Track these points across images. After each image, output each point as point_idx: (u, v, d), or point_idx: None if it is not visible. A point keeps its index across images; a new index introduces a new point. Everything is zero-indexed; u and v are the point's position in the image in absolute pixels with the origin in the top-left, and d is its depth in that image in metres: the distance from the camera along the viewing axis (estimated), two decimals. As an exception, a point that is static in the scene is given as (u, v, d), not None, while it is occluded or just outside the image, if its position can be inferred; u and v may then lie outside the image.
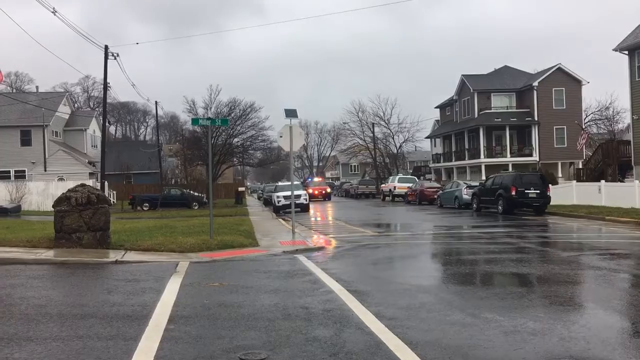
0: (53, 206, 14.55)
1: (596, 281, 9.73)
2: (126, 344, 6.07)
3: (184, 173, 55.25)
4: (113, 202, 44.18)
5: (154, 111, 63.00)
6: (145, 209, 39.90)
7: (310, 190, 46.39)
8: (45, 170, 49.68)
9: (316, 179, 62.58)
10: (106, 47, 36.78)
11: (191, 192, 43.85)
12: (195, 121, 19.40)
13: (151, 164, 61.43)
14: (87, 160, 55.14)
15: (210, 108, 50.74)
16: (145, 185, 56.87)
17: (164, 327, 6.64)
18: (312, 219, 28.21)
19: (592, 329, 6.48)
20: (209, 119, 21.13)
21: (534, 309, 7.40)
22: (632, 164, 30.28)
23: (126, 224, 22.49)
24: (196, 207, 40.43)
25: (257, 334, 6.34)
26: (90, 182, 38.36)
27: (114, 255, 13.02)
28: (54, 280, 10.61)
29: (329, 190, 52.25)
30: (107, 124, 45.95)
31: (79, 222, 14.05)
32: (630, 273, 10.53)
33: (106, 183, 41.30)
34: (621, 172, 33.26)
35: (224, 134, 49.38)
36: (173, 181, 62.77)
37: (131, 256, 13.11)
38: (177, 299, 8.27)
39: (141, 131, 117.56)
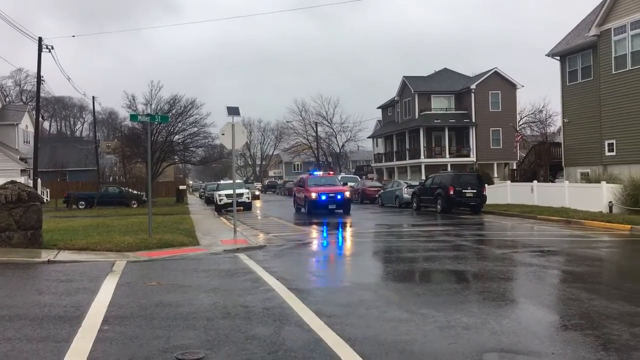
0: (-20, 204, 13.86)
1: (527, 277, 10.13)
2: (57, 345, 5.87)
3: (123, 170, 53.78)
4: (46, 200, 42.55)
5: (91, 106, 61.02)
6: (81, 207, 38.64)
7: (314, 194, 27.69)
8: (-28, 167, 47.23)
9: (319, 173, 35.00)
10: (40, 39, 35.32)
11: (130, 190, 42.77)
12: (134, 117, 18.88)
13: (88, 161, 59.47)
14: (18, 157, 52.65)
15: (151, 104, 49.55)
16: (82, 182, 55.06)
17: (98, 328, 6.47)
18: (255, 217, 28.06)
19: (522, 323, 6.75)
20: (148, 115, 20.68)
21: (469, 305, 7.63)
22: (563, 165, 31.64)
23: (60, 222, 21.72)
24: (135, 206, 39.52)
25: (195, 334, 6.26)
26: (21, 180, 36.70)
27: (46, 255, 12.55)
28: (-19, 282, 10.12)
29: (347, 194, 28.52)
30: (40, 119, 44.16)
31: (9, 221, 13.50)
32: (559, 269, 11.01)
33: (39, 180, 39.68)
34: (552, 173, 34.67)
35: (164, 130, 48.33)
36: (111, 179, 61.04)
37: (65, 256, 12.67)
38: (113, 299, 8.06)
39: (77, 127, 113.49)
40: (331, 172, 39.30)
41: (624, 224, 18.40)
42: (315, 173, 34.10)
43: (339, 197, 27.75)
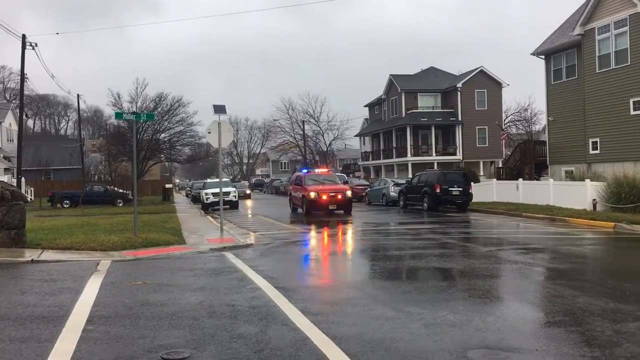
0: (-37, 203, 13.68)
1: (512, 274, 10.20)
2: (41, 346, 5.81)
3: (108, 169, 53.40)
4: (30, 199, 42.06)
5: (76, 104, 60.44)
6: (65, 206, 38.26)
7: (312, 193, 25.47)
8: (-45, 165, 46.63)
9: (318, 171, 31.44)
10: (24, 37, 34.97)
11: (115, 188, 42.45)
12: (119, 115, 18.69)
13: (73, 160, 58.95)
14: (2, 155, 52.17)
15: (137, 102, 49.31)
16: (67, 181, 54.50)
17: (82, 328, 6.41)
18: (242, 216, 27.99)
19: (507, 320, 6.79)
20: (133, 113, 20.50)
21: (454, 302, 7.67)
22: (548, 163, 31.93)
23: (44, 221, 21.50)
24: (121, 205, 39.21)
25: (180, 333, 6.23)
26: (5, 178, 36.38)
27: (29, 255, 12.42)
28: (-37, 282, 9.99)
29: (349, 193, 26.53)
30: (24, 117, 43.69)
31: (-8, 220, 13.31)
32: (544, 266, 11.10)
33: (23, 179, 39.27)
34: (537, 171, 34.95)
35: (150, 129, 48.14)
36: (96, 177, 60.55)
37: (49, 255, 12.55)
38: (97, 299, 8.00)
39: (62, 125, 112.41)
40: (326, 169, 34.23)
41: (608, 222, 18.59)
42: (316, 171, 31.53)
43: (339, 196, 25.73)
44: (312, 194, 25.57)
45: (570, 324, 6.52)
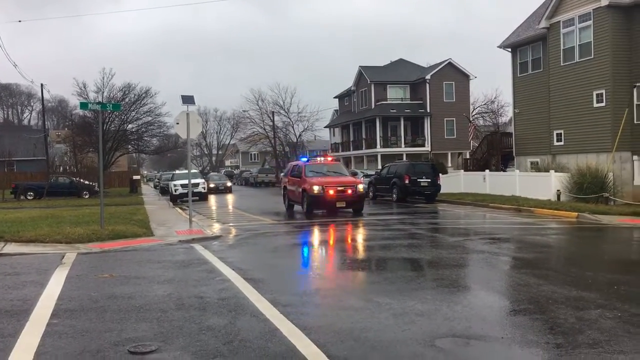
0: None
1: (479, 264, 10.37)
2: (3, 340, 5.68)
3: (74, 160, 52.32)
4: (-8, 191, 40.94)
5: (40, 94, 58.97)
6: (29, 198, 37.43)
7: (316, 187, 20.92)
8: None
9: (321, 160, 26.64)
10: (-17, 23, 33.88)
11: (81, 180, 41.67)
12: (84, 105, 18.26)
13: (37, 151, 57.46)
14: (-38, 146, 50.66)
15: (103, 92, 48.33)
16: (30, 173, 53.19)
17: (47, 322, 6.29)
18: (211, 208, 27.77)
19: (474, 308, 6.90)
20: (99, 103, 20.11)
21: (423, 292, 7.76)
22: (514, 154, 32.43)
23: (7, 214, 21.01)
24: (87, 196, 38.54)
25: (148, 326, 6.16)
26: (-35, 170, 35.34)
27: (-9, 248, 12.11)
28: None
29: (361, 187, 21.80)
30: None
31: (-49, 213, 12.93)
32: (510, 256, 11.32)
33: (-16, 170, 38.20)
34: (504, 162, 35.48)
35: (117, 119, 47.29)
36: (61, 169, 59.25)
37: (11, 248, 12.27)
38: (62, 292, 7.85)
39: (25, 115, 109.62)
40: (330, 158, 28.14)
41: (571, 212, 19.02)
42: (318, 159, 26.51)
43: (349, 191, 21.01)
44: (316, 189, 20.88)
45: (535, 311, 6.66)
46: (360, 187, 21.58)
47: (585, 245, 13.68)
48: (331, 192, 20.88)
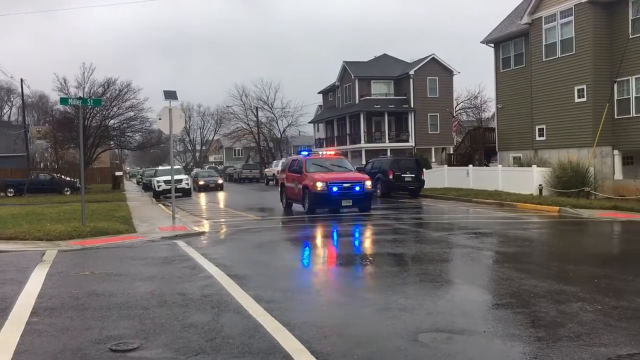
0: None
1: (462, 259, 10.42)
2: (-19, 340, 5.57)
3: (55, 156, 51.65)
4: (-29, 187, 40.31)
5: (20, 89, 58.11)
6: (9, 195, 36.95)
7: (319, 184, 19.17)
8: None
9: (323, 153, 25.47)
10: (-39, 17, 33.28)
11: (62, 176, 41.18)
12: (64, 100, 18.03)
13: (17, 147, 56.66)
14: (-61, 142, 49.80)
15: (84, 87, 47.64)
16: (11, 169, 52.39)
17: (26, 320, 6.20)
18: (195, 204, 27.62)
19: (457, 303, 6.93)
20: (80, 98, 19.88)
21: (406, 287, 7.78)
22: (497, 149, 32.68)
23: (-14, 211, 20.67)
24: (68, 193, 38.09)
25: (130, 323, 6.10)
26: (-57, 166, 34.75)
27: (-30, 246, 11.91)
28: None
29: (369, 184, 20.01)
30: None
31: None
32: (493, 250, 11.39)
33: (-37, 167, 37.61)
34: (487, 157, 35.76)
35: (99, 115, 46.68)
36: (42, 165, 58.50)
37: (-9, 246, 12.07)
38: (42, 290, 7.74)
39: (5, 111, 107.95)
40: (333, 152, 25.76)
41: (553, 206, 19.21)
42: (320, 153, 24.99)
43: (357, 188, 19.39)
44: (319, 185, 19.08)
45: (517, 305, 6.71)
46: (368, 183, 19.93)
47: (567, 240, 13.82)
48: (335, 189, 19.17)
